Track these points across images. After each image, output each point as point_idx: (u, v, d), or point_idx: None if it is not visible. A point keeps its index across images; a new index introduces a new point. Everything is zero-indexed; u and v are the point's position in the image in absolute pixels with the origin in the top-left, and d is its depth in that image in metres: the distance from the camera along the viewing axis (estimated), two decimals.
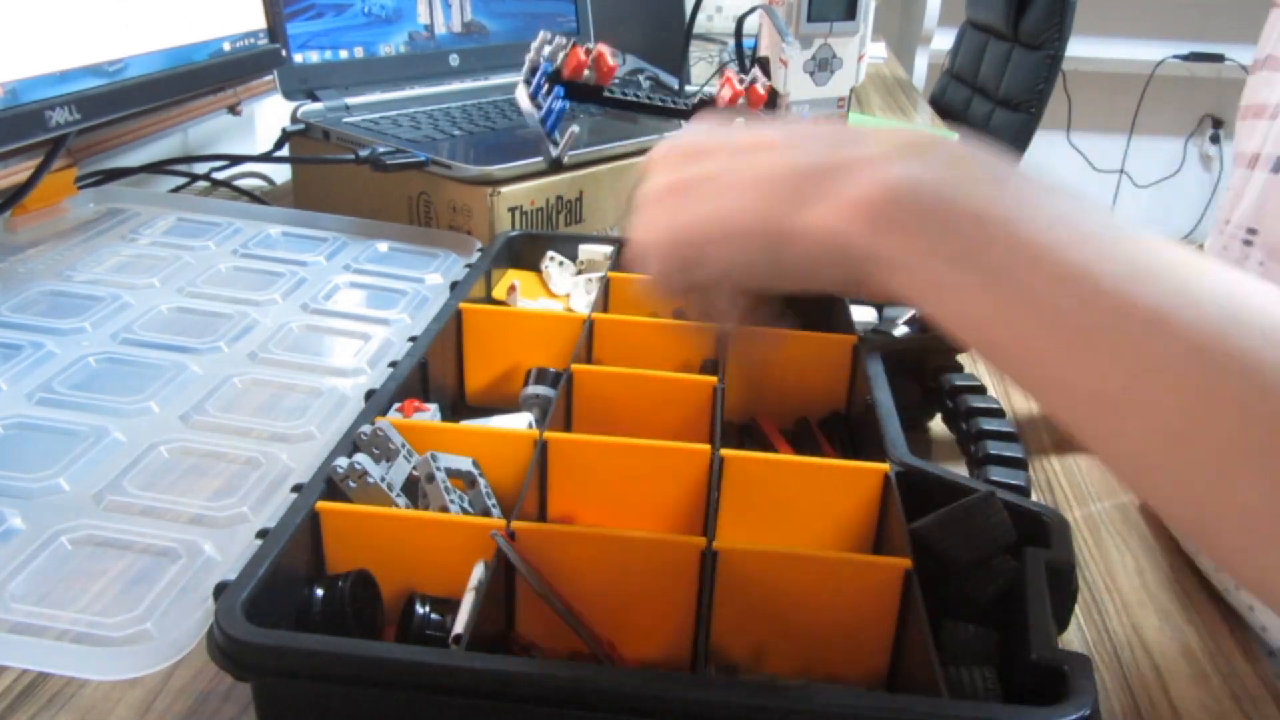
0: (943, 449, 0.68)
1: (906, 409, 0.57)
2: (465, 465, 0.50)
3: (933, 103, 2.42)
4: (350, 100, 1.00)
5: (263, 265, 0.81)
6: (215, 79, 0.92)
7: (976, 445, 0.58)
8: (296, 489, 0.46)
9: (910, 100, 1.94)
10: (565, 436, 0.52)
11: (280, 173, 1.13)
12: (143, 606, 0.47)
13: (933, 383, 0.64)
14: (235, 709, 0.44)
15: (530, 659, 0.43)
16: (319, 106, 0.97)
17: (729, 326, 0.41)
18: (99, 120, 0.77)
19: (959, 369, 0.65)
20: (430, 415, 0.56)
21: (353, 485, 0.46)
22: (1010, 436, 0.57)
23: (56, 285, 0.75)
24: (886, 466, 0.51)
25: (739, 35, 1.02)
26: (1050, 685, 0.38)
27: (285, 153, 0.98)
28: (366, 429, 0.49)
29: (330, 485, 0.46)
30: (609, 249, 0.75)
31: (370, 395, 0.55)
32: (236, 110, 1.16)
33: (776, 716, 0.35)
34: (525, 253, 0.77)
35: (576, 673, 0.37)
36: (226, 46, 0.90)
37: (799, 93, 0.75)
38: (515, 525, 0.45)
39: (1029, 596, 0.42)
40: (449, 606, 0.43)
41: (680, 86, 1.17)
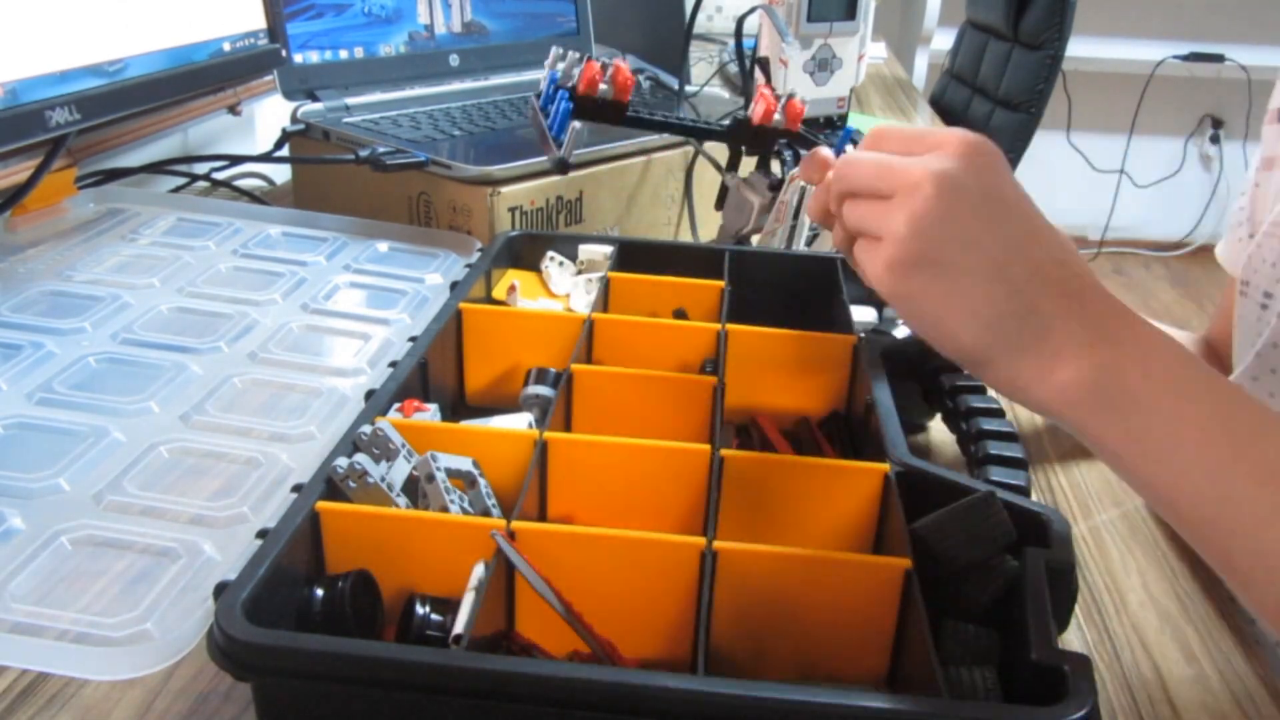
0: (943, 449, 0.68)
1: (906, 409, 0.57)
2: (465, 465, 0.50)
3: (933, 103, 2.42)
4: (350, 100, 1.00)
5: (263, 265, 0.81)
6: (215, 79, 0.92)
7: (976, 445, 0.58)
8: (296, 489, 0.46)
9: (910, 100, 1.94)
10: (565, 436, 0.52)
11: (280, 173, 1.13)
12: (143, 606, 0.47)
13: (933, 383, 0.64)
14: (235, 709, 0.44)
15: (530, 659, 0.43)
16: (319, 106, 0.97)
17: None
18: (99, 120, 0.77)
19: (959, 369, 0.65)
20: (430, 415, 0.56)
21: (353, 485, 0.46)
22: (1010, 436, 0.57)
23: (56, 285, 0.75)
24: (886, 466, 0.51)
25: (739, 35, 1.02)
26: (1050, 685, 0.38)
27: (285, 153, 0.98)
28: (366, 429, 0.49)
29: (330, 485, 0.46)
30: (609, 249, 0.75)
31: (370, 395, 0.55)
32: (236, 110, 1.16)
33: (776, 716, 0.35)
34: (525, 253, 0.77)
35: (576, 673, 0.37)
36: (226, 46, 0.90)
37: (799, 93, 0.75)
38: (515, 525, 0.45)
39: (1029, 596, 0.42)
40: (449, 606, 0.43)
41: (680, 87, 1.17)
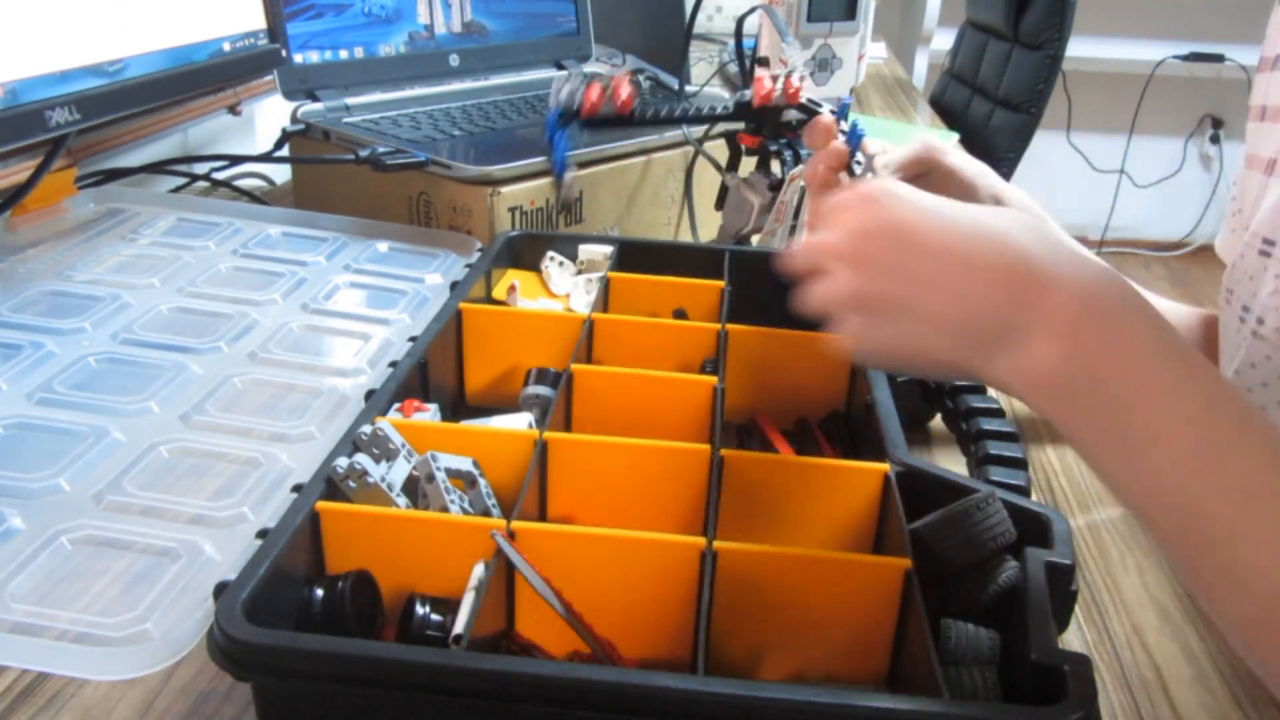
0: (943, 449, 0.68)
1: (906, 409, 0.58)
2: (465, 465, 0.50)
3: (933, 103, 2.42)
4: (350, 100, 0.99)
5: (263, 265, 0.81)
6: (215, 79, 0.92)
7: (976, 445, 0.58)
8: (296, 489, 0.46)
9: (910, 100, 1.94)
10: (565, 436, 0.52)
11: (280, 173, 1.13)
12: (143, 606, 0.47)
13: (933, 383, 0.64)
14: (235, 709, 0.44)
15: (530, 659, 0.43)
16: (319, 106, 0.97)
17: None
18: (99, 120, 0.77)
19: None
20: (430, 415, 0.56)
21: (353, 485, 0.46)
22: (1010, 436, 0.57)
23: (56, 285, 0.75)
24: (886, 466, 0.51)
25: (739, 35, 1.02)
26: (1050, 685, 0.38)
27: (285, 153, 0.98)
28: (366, 429, 0.49)
29: (330, 485, 0.46)
30: (609, 249, 0.75)
31: (370, 395, 0.55)
32: (236, 110, 1.16)
33: (776, 717, 0.35)
34: (525, 253, 0.77)
35: (576, 673, 0.37)
36: (226, 46, 0.90)
37: (796, 73, 0.76)
38: (515, 525, 0.45)
39: (1029, 596, 0.42)
40: (449, 606, 0.43)
41: (680, 87, 1.16)
